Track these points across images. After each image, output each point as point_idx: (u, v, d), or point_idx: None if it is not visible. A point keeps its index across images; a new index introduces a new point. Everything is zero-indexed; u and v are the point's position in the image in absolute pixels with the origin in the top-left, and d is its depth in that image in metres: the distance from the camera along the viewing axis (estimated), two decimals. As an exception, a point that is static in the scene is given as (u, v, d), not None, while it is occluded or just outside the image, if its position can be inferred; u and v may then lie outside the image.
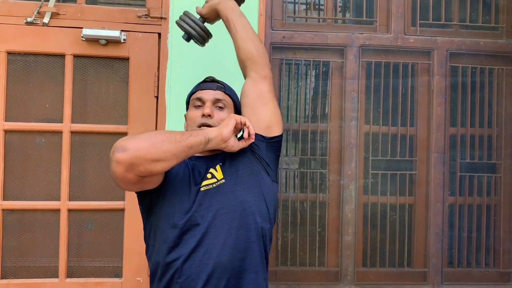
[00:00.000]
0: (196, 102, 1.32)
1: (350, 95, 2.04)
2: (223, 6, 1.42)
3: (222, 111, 1.31)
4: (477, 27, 2.13)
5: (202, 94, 1.32)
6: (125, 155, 1.03)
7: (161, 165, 1.07)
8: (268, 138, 1.31)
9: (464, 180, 2.09)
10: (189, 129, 1.31)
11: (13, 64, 1.86)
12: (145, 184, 1.16)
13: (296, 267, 2.01)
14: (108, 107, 1.91)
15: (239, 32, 1.38)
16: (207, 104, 1.30)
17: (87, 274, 1.88)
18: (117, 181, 1.10)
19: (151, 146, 1.05)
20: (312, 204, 2.04)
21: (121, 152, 1.03)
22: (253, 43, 1.38)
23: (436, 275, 2.04)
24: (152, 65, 1.88)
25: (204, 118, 1.27)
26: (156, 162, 1.06)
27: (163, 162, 1.07)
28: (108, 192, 1.90)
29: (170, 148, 1.07)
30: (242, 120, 1.21)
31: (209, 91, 1.32)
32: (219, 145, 1.18)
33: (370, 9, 2.09)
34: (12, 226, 1.86)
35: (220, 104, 1.31)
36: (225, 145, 1.18)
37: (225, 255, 1.14)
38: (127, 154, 1.03)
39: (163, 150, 1.06)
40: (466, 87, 2.11)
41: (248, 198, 1.20)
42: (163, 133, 1.11)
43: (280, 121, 1.36)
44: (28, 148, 1.87)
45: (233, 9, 1.42)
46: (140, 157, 1.04)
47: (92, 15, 1.87)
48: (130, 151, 1.03)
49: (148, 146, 1.05)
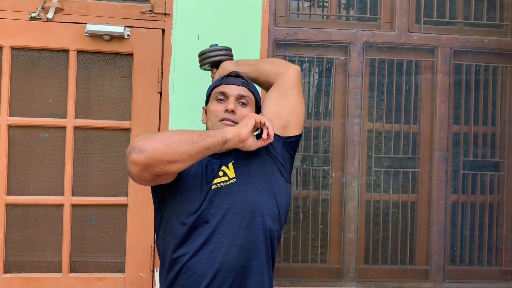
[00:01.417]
0: (219, 95, 1.29)
1: (353, 92, 2.03)
2: (227, 69, 1.42)
3: (245, 108, 1.29)
4: (482, 25, 2.12)
5: (227, 89, 1.29)
6: (141, 157, 1.03)
7: (177, 166, 1.08)
8: (284, 137, 1.30)
9: (467, 178, 2.09)
10: (209, 122, 1.29)
11: (17, 60, 1.86)
12: (160, 181, 1.17)
13: (298, 264, 2.01)
14: (111, 103, 1.91)
15: (252, 76, 1.40)
16: (230, 99, 1.27)
17: (90, 269, 1.89)
18: (133, 178, 1.12)
19: (167, 148, 1.05)
20: (315, 201, 2.04)
21: (137, 154, 1.03)
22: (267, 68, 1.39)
23: (438, 273, 2.04)
24: (155, 61, 1.88)
25: (227, 113, 1.25)
26: (172, 163, 1.06)
27: (179, 163, 1.07)
28: (111, 187, 1.90)
29: (186, 149, 1.06)
30: (262, 120, 1.17)
31: (234, 86, 1.30)
32: (236, 145, 1.16)
33: (374, 6, 2.08)
34: (15, 221, 1.87)
35: (244, 100, 1.29)
36: (242, 145, 1.16)
37: (231, 255, 1.15)
38: (143, 156, 1.03)
39: (180, 152, 1.06)
40: (470, 85, 2.10)
41: (258, 199, 1.19)
42: (180, 133, 1.09)
43: (300, 120, 1.34)
44: (32, 143, 1.88)
45: (238, 64, 1.43)
46: (156, 159, 1.04)
47: (96, 11, 1.87)
48: (146, 152, 1.03)
49: (165, 147, 1.05)
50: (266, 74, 1.39)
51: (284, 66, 1.39)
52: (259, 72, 1.40)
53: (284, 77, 1.35)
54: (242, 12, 1.89)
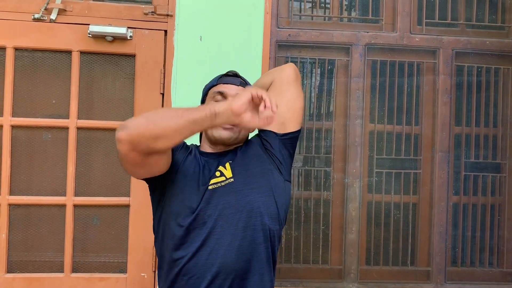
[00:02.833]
0: (216, 96, 1.25)
1: (355, 94, 2.04)
2: None
3: None
4: (483, 27, 2.12)
5: (224, 89, 1.25)
6: (124, 133, 1.01)
7: (162, 142, 1.03)
8: (281, 134, 1.27)
9: (468, 180, 2.09)
10: None
11: (20, 60, 1.87)
12: (151, 168, 1.13)
13: (300, 265, 2.02)
14: (114, 104, 1.92)
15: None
16: (229, 99, 1.20)
17: (92, 269, 1.89)
18: (122, 163, 1.09)
19: (149, 123, 1.02)
20: (316, 202, 2.04)
21: (121, 131, 1.02)
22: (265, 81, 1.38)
23: (439, 274, 2.04)
24: (158, 62, 1.89)
25: None
26: (157, 139, 1.02)
27: (164, 139, 1.03)
28: (113, 188, 1.91)
29: (170, 124, 1.02)
30: (259, 93, 1.04)
31: (232, 86, 1.26)
32: (231, 120, 1.05)
33: (376, 7, 2.08)
34: (18, 221, 1.87)
35: None
36: (239, 120, 1.04)
37: (230, 256, 1.13)
38: (126, 132, 1.01)
39: (162, 126, 1.02)
40: (471, 86, 2.10)
41: (256, 199, 1.17)
42: (166, 109, 1.07)
43: (297, 115, 1.30)
44: (35, 143, 1.89)
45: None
46: (139, 135, 1.01)
47: (99, 12, 1.88)
48: (129, 129, 1.02)
49: (147, 123, 1.03)
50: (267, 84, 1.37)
51: (279, 68, 1.37)
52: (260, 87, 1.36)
53: (280, 75, 1.33)
54: (244, 13, 1.89)
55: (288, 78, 1.32)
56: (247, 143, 1.29)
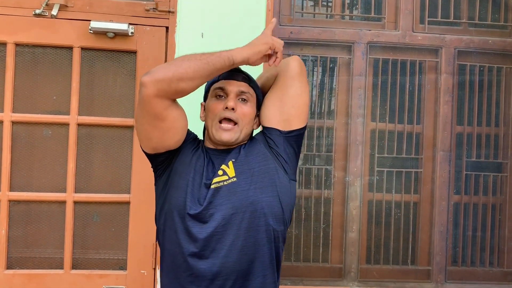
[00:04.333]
0: (218, 92, 1.23)
1: (357, 92, 2.03)
2: None
3: (245, 104, 1.23)
4: (486, 26, 2.11)
5: (226, 85, 1.22)
6: (149, 77, 1.08)
7: (184, 83, 1.10)
8: (285, 132, 1.23)
9: (469, 179, 2.08)
10: (208, 120, 1.24)
11: (21, 56, 1.86)
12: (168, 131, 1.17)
13: (300, 263, 2.01)
14: (115, 100, 1.91)
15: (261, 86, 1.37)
16: (230, 96, 1.21)
17: (91, 266, 1.89)
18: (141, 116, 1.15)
19: (172, 65, 1.12)
20: (317, 201, 2.04)
21: (146, 76, 1.09)
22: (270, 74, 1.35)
23: (440, 273, 2.04)
24: (159, 58, 1.88)
25: (226, 111, 1.19)
26: (180, 80, 1.09)
27: (186, 80, 1.10)
28: (114, 185, 1.90)
29: (191, 65, 1.10)
30: (276, 48, 1.21)
31: (234, 82, 1.23)
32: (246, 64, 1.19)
33: (378, 5, 2.08)
34: (18, 217, 1.87)
35: (244, 96, 1.23)
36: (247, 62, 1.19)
37: (232, 257, 1.12)
38: (151, 75, 1.09)
39: (184, 67, 1.10)
40: (473, 85, 2.10)
41: (260, 199, 1.15)
42: (187, 55, 1.15)
43: (302, 112, 1.26)
44: (35, 139, 1.88)
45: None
46: (164, 75, 1.09)
47: (100, 8, 1.87)
48: (154, 73, 1.09)
49: (169, 65, 1.13)
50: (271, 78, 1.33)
51: (283, 61, 1.29)
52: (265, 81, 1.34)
53: (284, 69, 1.28)
54: (246, 10, 1.88)
55: (292, 72, 1.26)
56: (251, 140, 1.27)
